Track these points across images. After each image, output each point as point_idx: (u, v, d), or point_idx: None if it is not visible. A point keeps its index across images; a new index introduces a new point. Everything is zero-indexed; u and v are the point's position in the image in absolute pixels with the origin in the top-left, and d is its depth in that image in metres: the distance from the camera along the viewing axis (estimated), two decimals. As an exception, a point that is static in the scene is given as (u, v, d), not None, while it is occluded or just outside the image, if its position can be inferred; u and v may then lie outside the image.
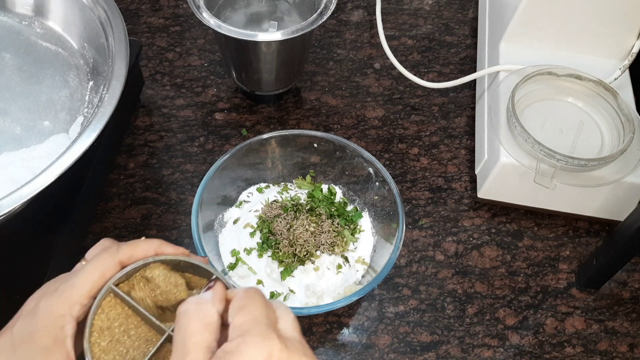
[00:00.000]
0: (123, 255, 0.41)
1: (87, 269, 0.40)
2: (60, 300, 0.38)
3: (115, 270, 0.41)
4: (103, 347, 0.39)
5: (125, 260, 0.41)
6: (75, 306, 0.39)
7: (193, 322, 0.36)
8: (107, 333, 0.40)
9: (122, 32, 0.60)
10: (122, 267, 0.41)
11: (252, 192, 0.65)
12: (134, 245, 0.42)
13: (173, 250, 0.43)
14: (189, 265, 0.43)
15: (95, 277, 0.40)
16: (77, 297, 0.39)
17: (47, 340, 0.37)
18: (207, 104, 0.77)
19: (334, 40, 0.85)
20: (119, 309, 0.41)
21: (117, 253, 0.41)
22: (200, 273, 0.43)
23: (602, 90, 0.67)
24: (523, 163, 0.62)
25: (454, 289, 0.64)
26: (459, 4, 0.91)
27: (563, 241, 0.68)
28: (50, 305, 0.38)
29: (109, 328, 0.40)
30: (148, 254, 0.42)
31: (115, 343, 0.40)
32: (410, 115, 0.78)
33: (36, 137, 0.60)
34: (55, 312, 0.38)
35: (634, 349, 0.61)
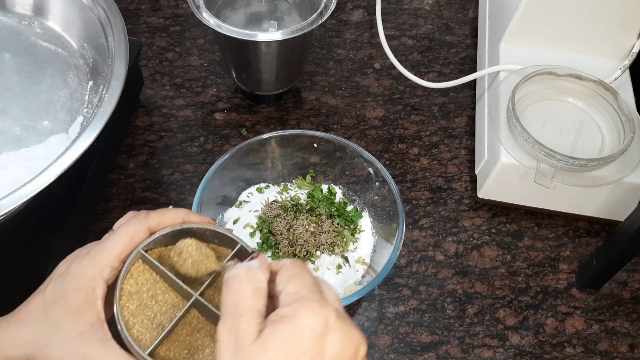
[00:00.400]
0: (152, 221, 0.42)
1: (117, 234, 0.41)
2: (92, 263, 0.40)
3: (144, 235, 0.42)
4: (132, 310, 0.40)
5: (154, 226, 0.42)
6: (105, 269, 0.40)
7: (245, 285, 0.36)
8: (136, 297, 0.41)
9: (122, 32, 0.60)
10: (151, 233, 0.42)
11: (252, 192, 0.65)
12: (162, 213, 0.43)
13: (199, 219, 0.44)
14: (214, 234, 0.44)
15: (126, 241, 0.41)
16: (107, 260, 0.40)
17: (78, 301, 0.38)
18: (207, 104, 0.77)
19: (334, 40, 0.85)
20: (147, 274, 0.42)
21: (146, 219, 0.42)
22: (225, 243, 0.44)
23: (602, 90, 0.67)
24: (523, 163, 0.62)
25: (454, 289, 0.64)
26: (459, 4, 0.91)
27: (563, 241, 0.68)
28: (82, 267, 0.40)
29: (137, 292, 0.41)
30: (176, 222, 0.43)
31: (144, 307, 0.41)
32: (410, 115, 0.78)
33: (36, 137, 0.60)
34: (86, 274, 0.39)
35: (634, 349, 0.61)
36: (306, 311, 0.34)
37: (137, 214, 0.43)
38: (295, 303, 0.35)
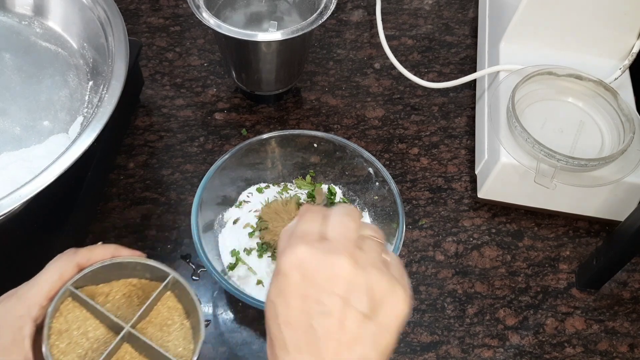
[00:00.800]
0: (81, 258, 0.42)
1: (45, 271, 0.41)
2: (19, 302, 0.39)
3: (73, 272, 0.42)
4: (62, 348, 0.40)
5: (84, 262, 0.42)
6: (33, 307, 0.39)
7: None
8: (66, 335, 0.41)
9: (122, 32, 0.60)
10: (80, 270, 0.42)
11: (252, 192, 0.65)
12: (92, 249, 0.43)
13: (129, 253, 0.44)
14: (145, 267, 0.44)
15: (54, 278, 0.41)
16: (35, 299, 0.40)
17: (5, 341, 0.38)
18: (207, 104, 0.77)
19: (334, 40, 0.85)
20: (77, 312, 0.42)
21: (74, 255, 0.42)
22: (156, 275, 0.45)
23: (602, 90, 0.67)
24: (523, 163, 0.62)
25: (454, 289, 0.64)
26: (459, 4, 0.91)
27: (563, 241, 0.68)
28: (9, 307, 0.39)
29: (67, 330, 0.41)
30: (105, 257, 0.43)
31: (74, 345, 0.41)
32: (410, 115, 0.78)
33: (36, 137, 0.60)
34: (13, 313, 0.39)
35: (634, 349, 0.61)
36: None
37: (66, 252, 0.43)
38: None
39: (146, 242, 0.65)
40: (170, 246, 0.65)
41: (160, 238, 0.66)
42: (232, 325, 0.61)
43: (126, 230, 0.66)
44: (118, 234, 0.65)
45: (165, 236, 0.66)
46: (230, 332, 0.60)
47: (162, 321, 0.44)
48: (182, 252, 0.65)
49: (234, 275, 0.59)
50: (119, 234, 0.65)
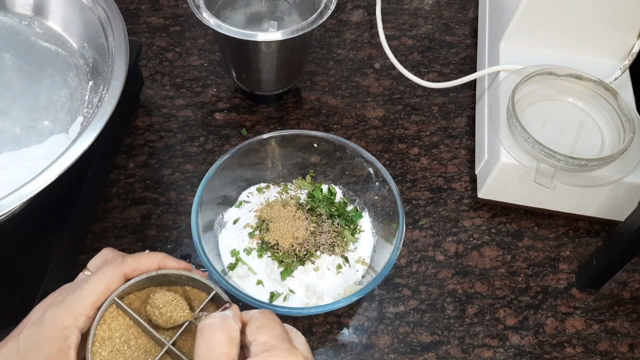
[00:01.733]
0: (127, 268, 0.42)
1: (92, 281, 0.41)
2: (66, 312, 0.40)
3: (119, 282, 0.42)
4: (104, 356, 0.41)
5: (129, 272, 0.42)
6: (80, 317, 0.40)
7: (219, 334, 0.37)
8: (109, 343, 0.41)
9: (122, 32, 0.60)
10: (125, 280, 0.42)
11: (252, 192, 0.65)
12: (138, 259, 0.43)
13: (175, 264, 0.44)
14: (190, 279, 0.44)
15: (101, 289, 0.41)
16: (82, 309, 0.40)
17: (51, 350, 0.39)
18: (207, 104, 0.77)
19: (334, 40, 0.85)
20: (120, 320, 0.42)
21: (121, 266, 0.42)
22: (200, 287, 0.45)
23: (602, 90, 0.67)
24: (523, 163, 0.62)
25: (454, 289, 0.64)
26: (459, 4, 0.91)
27: (563, 241, 0.68)
28: (56, 316, 0.40)
29: (110, 338, 0.41)
30: (151, 267, 0.43)
31: (116, 353, 0.41)
32: (410, 115, 0.78)
33: (36, 137, 0.60)
34: (60, 323, 0.39)
35: (634, 349, 0.61)
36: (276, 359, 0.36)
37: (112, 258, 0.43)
38: (265, 352, 0.36)
39: (146, 242, 0.65)
40: (170, 246, 0.65)
41: (160, 238, 0.66)
42: (232, 325, 0.61)
43: (126, 230, 0.66)
44: (118, 234, 0.65)
45: (165, 236, 0.66)
46: (230, 332, 0.60)
47: None
48: (182, 252, 0.65)
49: (234, 275, 0.59)
50: (119, 234, 0.65)
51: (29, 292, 0.54)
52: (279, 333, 0.38)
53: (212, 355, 0.36)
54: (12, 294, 0.54)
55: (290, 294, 0.57)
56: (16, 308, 0.53)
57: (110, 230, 0.66)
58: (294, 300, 0.57)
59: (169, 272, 0.43)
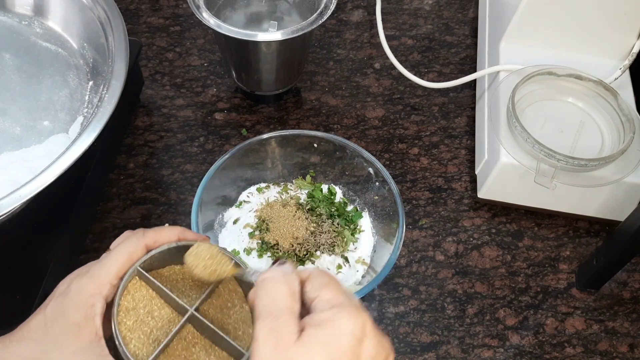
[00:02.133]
0: (149, 239, 0.43)
1: (116, 252, 0.42)
2: (91, 281, 0.41)
3: (142, 252, 0.43)
4: (129, 326, 0.41)
5: (151, 244, 0.43)
6: (105, 286, 0.41)
7: (281, 287, 0.37)
8: (133, 313, 0.42)
9: (122, 32, 0.60)
10: (147, 251, 0.43)
11: (252, 192, 0.65)
12: (159, 231, 0.44)
13: (194, 237, 0.45)
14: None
15: (124, 258, 0.42)
16: (106, 277, 0.41)
17: (78, 317, 0.39)
18: (207, 104, 0.77)
19: (334, 40, 0.85)
20: (143, 291, 0.43)
21: (143, 237, 0.43)
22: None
23: (602, 90, 0.67)
24: (523, 163, 0.62)
25: (454, 289, 0.64)
26: (459, 4, 0.91)
27: (563, 241, 0.68)
28: (82, 285, 0.41)
29: (134, 308, 0.42)
30: (172, 239, 0.44)
31: (140, 323, 0.42)
32: (410, 115, 0.78)
33: (36, 137, 0.60)
34: (86, 291, 0.40)
35: (634, 349, 0.61)
36: (345, 316, 0.36)
37: (134, 232, 0.44)
38: (334, 308, 0.36)
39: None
40: (170, 246, 0.65)
41: (160, 238, 0.65)
42: (232, 325, 0.61)
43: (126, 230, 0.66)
44: (118, 234, 0.64)
45: (165, 236, 0.66)
46: (230, 332, 0.60)
47: (223, 303, 0.45)
48: (182, 252, 0.65)
49: (234, 275, 0.59)
50: (119, 234, 0.65)
51: (29, 292, 0.54)
52: (343, 290, 0.38)
53: (276, 307, 0.36)
54: (12, 294, 0.54)
55: (290, 294, 0.57)
56: (16, 308, 0.53)
57: (110, 230, 0.66)
58: (294, 300, 0.57)
59: (188, 243, 0.44)
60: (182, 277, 0.45)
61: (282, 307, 0.36)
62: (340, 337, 0.35)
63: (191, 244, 0.44)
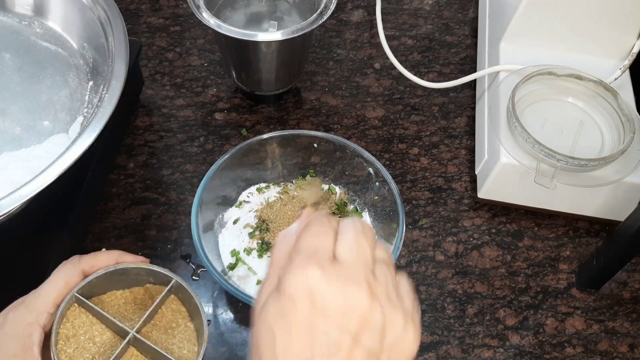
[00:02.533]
0: (85, 264, 0.43)
1: (51, 279, 0.42)
2: (28, 310, 0.40)
3: (78, 279, 0.42)
4: (69, 353, 0.41)
5: (88, 269, 0.43)
6: (42, 315, 0.40)
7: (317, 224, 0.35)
8: (73, 340, 0.42)
9: (122, 32, 0.60)
10: (85, 277, 0.43)
11: (252, 192, 0.65)
12: (95, 256, 0.44)
13: (133, 259, 0.45)
14: (149, 272, 0.45)
15: (60, 285, 0.41)
16: (43, 306, 0.40)
17: (15, 348, 0.39)
18: (207, 104, 0.77)
19: (334, 40, 0.85)
20: (83, 317, 0.43)
21: (79, 263, 0.43)
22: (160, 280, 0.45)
23: (602, 90, 0.67)
24: (523, 163, 0.62)
25: (454, 289, 0.64)
26: (459, 4, 0.91)
27: (563, 241, 0.68)
28: (18, 315, 0.40)
29: (74, 335, 0.42)
30: (109, 263, 0.44)
31: (82, 349, 0.42)
32: (410, 115, 0.78)
33: (36, 137, 0.60)
34: (22, 321, 0.40)
35: (634, 349, 0.61)
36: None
37: (70, 259, 0.44)
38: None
39: (146, 242, 0.65)
40: (170, 246, 0.65)
41: (160, 238, 0.66)
42: (232, 325, 0.61)
43: (126, 230, 0.66)
44: (118, 234, 0.65)
45: (165, 236, 0.66)
46: (230, 332, 0.60)
47: (167, 324, 0.45)
48: (182, 252, 0.65)
49: (234, 275, 0.59)
50: (119, 234, 0.65)
51: (29, 292, 0.54)
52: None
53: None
54: (12, 294, 0.54)
55: (290, 294, 0.57)
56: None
57: (110, 230, 0.66)
58: (294, 300, 0.57)
59: (127, 265, 0.44)
60: (124, 301, 0.45)
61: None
62: None
63: (129, 266, 0.44)
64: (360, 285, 0.32)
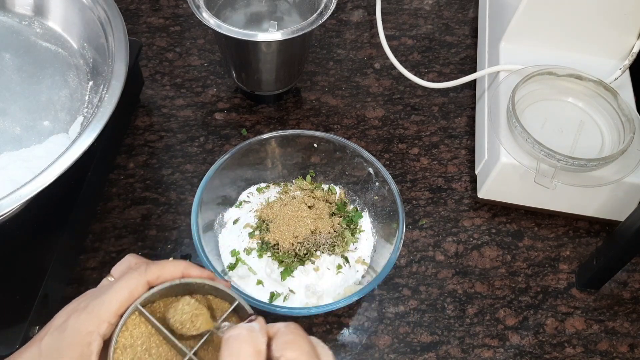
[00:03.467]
0: (151, 275, 0.42)
1: (116, 288, 0.41)
2: (89, 318, 0.39)
3: (143, 289, 0.41)
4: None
5: (153, 280, 0.42)
6: (103, 324, 0.40)
7: (246, 346, 0.36)
8: (130, 350, 0.41)
9: (122, 32, 0.60)
10: (149, 287, 0.42)
11: (252, 192, 0.65)
12: (162, 266, 0.42)
13: (199, 273, 0.44)
14: (213, 288, 0.44)
15: (124, 296, 0.41)
16: (105, 315, 0.40)
17: (73, 356, 0.38)
18: (207, 104, 0.77)
19: (334, 40, 0.85)
20: (142, 327, 0.42)
21: (145, 273, 0.42)
22: (222, 296, 0.44)
23: (602, 90, 0.67)
24: (523, 163, 0.62)
25: (454, 289, 0.64)
26: (459, 4, 0.91)
27: (563, 241, 0.68)
28: (80, 322, 0.39)
29: (131, 346, 0.41)
30: (175, 276, 0.43)
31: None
32: (410, 115, 0.78)
33: (36, 137, 0.60)
34: (83, 329, 0.39)
35: (634, 349, 0.61)
36: None
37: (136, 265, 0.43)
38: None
39: (146, 242, 0.65)
40: (170, 246, 0.65)
41: (160, 238, 0.66)
42: (232, 325, 0.61)
43: (126, 230, 0.66)
44: (118, 234, 0.65)
45: (165, 236, 0.66)
46: (230, 332, 0.60)
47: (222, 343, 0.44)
48: (182, 252, 0.65)
49: (234, 275, 0.59)
50: (119, 234, 0.65)
51: (29, 292, 0.54)
52: (307, 350, 0.37)
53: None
54: (12, 294, 0.54)
55: (290, 294, 0.57)
56: (16, 308, 0.53)
57: (110, 230, 0.66)
58: (294, 301, 0.57)
59: (192, 281, 0.43)
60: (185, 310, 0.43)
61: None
62: None
63: (194, 281, 0.43)
64: None
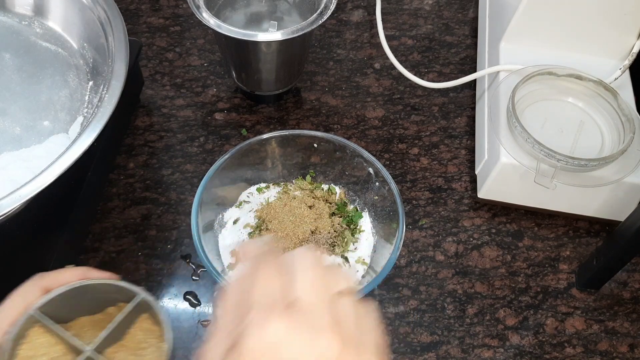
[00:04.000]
0: (46, 281, 0.41)
1: (10, 298, 0.40)
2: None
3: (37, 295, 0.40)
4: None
5: (49, 286, 0.41)
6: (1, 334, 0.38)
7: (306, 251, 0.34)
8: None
9: (122, 32, 0.60)
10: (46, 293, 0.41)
11: (252, 192, 0.65)
12: (58, 273, 0.42)
13: (99, 275, 0.43)
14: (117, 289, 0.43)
15: (19, 303, 0.40)
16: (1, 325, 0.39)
17: None
18: (207, 104, 0.77)
19: (334, 40, 0.85)
20: (45, 337, 0.41)
21: (40, 279, 0.41)
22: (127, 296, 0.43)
23: (602, 90, 0.67)
24: (523, 163, 0.62)
25: (454, 289, 0.64)
26: (459, 4, 0.91)
27: (563, 241, 0.68)
28: None
29: (33, 357, 0.40)
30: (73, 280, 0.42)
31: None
32: (410, 115, 0.78)
33: (36, 137, 0.60)
34: None
35: (634, 349, 0.61)
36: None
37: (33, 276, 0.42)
38: None
39: (146, 242, 0.65)
40: (170, 246, 0.65)
41: (160, 238, 0.66)
42: (232, 325, 0.61)
43: (126, 230, 0.66)
44: (118, 234, 0.65)
45: (165, 236, 0.66)
46: (230, 332, 0.60)
47: (137, 345, 0.43)
48: (182, 252, 0.65)
49: (235, 276, 0.59)
50: (119, 234, 0.65)
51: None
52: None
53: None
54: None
55: (290, 294, 0.57)
56: (16, 308, 0.53)
57: (110, 230, 0.66)
58: (294, 300, 0.57)
59: (91, 282, 0.42)
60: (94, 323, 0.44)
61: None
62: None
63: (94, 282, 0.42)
64: (327, 331, 0.30)
